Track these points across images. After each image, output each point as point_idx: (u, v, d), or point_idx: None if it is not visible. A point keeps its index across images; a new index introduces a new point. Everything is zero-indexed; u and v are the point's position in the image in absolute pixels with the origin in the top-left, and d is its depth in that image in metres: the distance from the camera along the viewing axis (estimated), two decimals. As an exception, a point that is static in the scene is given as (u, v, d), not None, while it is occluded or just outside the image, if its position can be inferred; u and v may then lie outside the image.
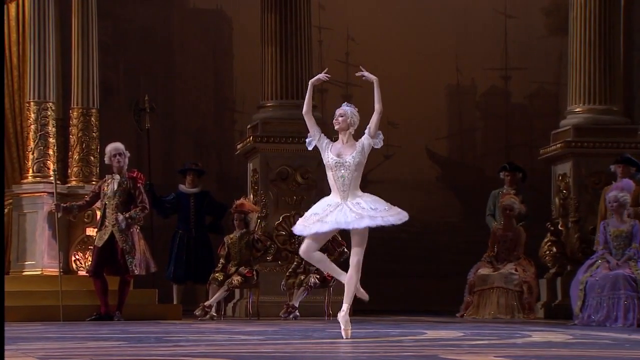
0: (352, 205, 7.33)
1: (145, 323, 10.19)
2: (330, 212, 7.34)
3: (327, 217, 7.33)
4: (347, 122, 7.60)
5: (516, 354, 6.10)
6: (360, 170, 7.53)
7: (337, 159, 7.48)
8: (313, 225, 7.35)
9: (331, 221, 7.31)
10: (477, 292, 12.48)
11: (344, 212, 7.31)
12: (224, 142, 16.52)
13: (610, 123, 12.75)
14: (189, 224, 12.71)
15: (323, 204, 7.44)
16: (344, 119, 7.60)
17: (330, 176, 7.49)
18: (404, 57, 16.45)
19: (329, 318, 11.55)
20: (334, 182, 7.46)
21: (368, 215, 7.28)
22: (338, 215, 7.31)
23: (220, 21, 16.78)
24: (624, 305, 10.05)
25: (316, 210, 7.43)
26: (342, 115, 7.62)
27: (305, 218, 7.46)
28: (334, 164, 7.46)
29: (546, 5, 16.71)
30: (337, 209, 7.35)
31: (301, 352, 6.19)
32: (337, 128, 7.63)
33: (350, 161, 7.46)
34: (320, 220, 7.34)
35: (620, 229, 10.40)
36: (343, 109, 7.68)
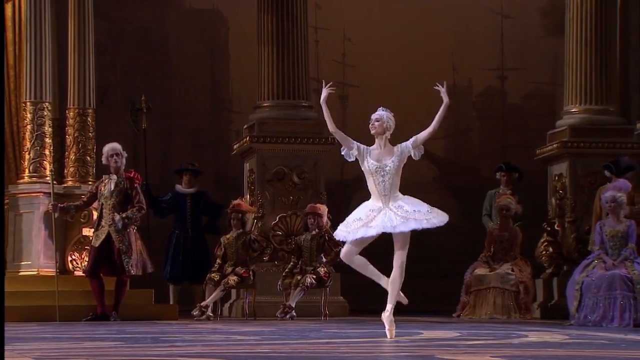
0: (395, 209, 7.39)
1: (141, 323, 10.18)
2: (375, 216, 7.38)
3: (373, 222, 7.38)
4: (383, 126, 7.63)
5: (512, 354, 6.10)
6: (399, 174, 7.56)
7: (377, 164, 7.51)
8: (359, 230, 7.38)
9: (377, 225, 7.36)
10: (474, 292, 12.48)
11: (389, 216, 7.36)
12: (220, 142, 16.51)
13: (606, 123, 12.76)
14: (186, 224, 12.71)
15: (365, 209, 7.47)
16: (380, 124, 7.63)
17: (371, 181, 7.51)
18: (400, 58, 16.46)
19: (325, 318, 11.55)
20: (375, 187, 7.49)
21: (413, 218, 7.35)
22: (384, 219, 7.36)
23: (216, 21, 16.78)
24: (620, 306, 10.06)
25: (359, 215, 7.46)
26: (378, 120, 7.64)
27: (347, 223, 7.48)
28: (375, 170, 7.50)
29: (543, 6, 16.71)
30: (380, 213, 7.40)
31: (298, 353, 6.19)
32: (373, 133, 7.64)
33: (390, 165, 7.51)
34: (365, 225, 7.39)
35: (616, 229, 10.41)
36: (379, 113, 7.70)
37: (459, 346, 6.74)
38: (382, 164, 7.51)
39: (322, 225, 11.83)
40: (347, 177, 16.82)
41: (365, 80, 16.59)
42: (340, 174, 16.79)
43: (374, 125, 7.63)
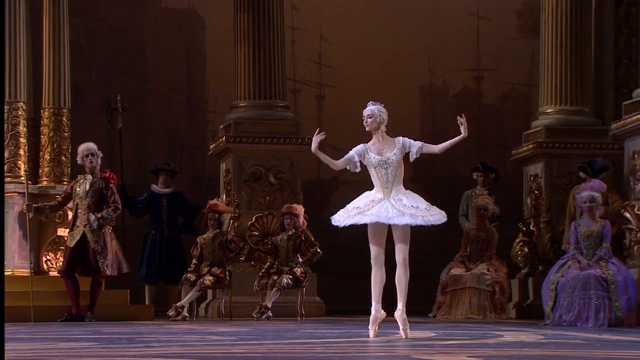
0: (394, 202, 7.40)
1: (117, 324, 10.14)
2: (373, 206, 7.38)
3: (369, 211, 7.37)
4: (376, 121, 7.62)
5: (488, 354, 6.12)
6: (402, 167, 7.56)
7: (380, 157, 7.52)
8: (354, 217, 7.39)
9: (372, 214, 7.36)
10: (450, 292, 12.52)
11: (386, 207, 7.38)
12: (196, 142, 16.48)
13: (581, 124, 12.83)
14: (162, 225, 12.68)
15: (366, 199, 7.49)
16: (372, 120, 7.62)
17: (374, 174, 7.53)
18: (376, 58, 16.48)
19: (301, 318, 11.55)
20: (378, 179, 7.51)
21: (409, 213, 7.36)
22: (380, 209, 7.37)
23: (192, 21, 16.74)
24: (594, 306, 10.11)
25: (358, 204, 7.49)
26: (370, 116, 7.63)
27: (347, 210, 7.50)
28: (378, 163, 7.51)
29: (518, 7, 16.78)
30: (379, 204, 7.41)
31: (274, 353, 6.19)
32: (368, 129, 7.62)
33: (393, 158, 7.52)
34: (361, 213, 7.39)
35: (591, 229, 10.46)
36: (369, 108, 7.67)
37: (434, 346, 6.75)
38: (384, 157, 7.52)
39: (299, 225, 11.83)
40: (323, 177, 16.83)
41: (341, 80, 16.60)
42: (317, 174, 16.80)
43: (367, 122, 7.63)
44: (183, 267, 12.15)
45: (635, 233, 10.67)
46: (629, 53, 13.13)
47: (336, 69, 16.68)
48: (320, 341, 7.23)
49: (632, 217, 10.70)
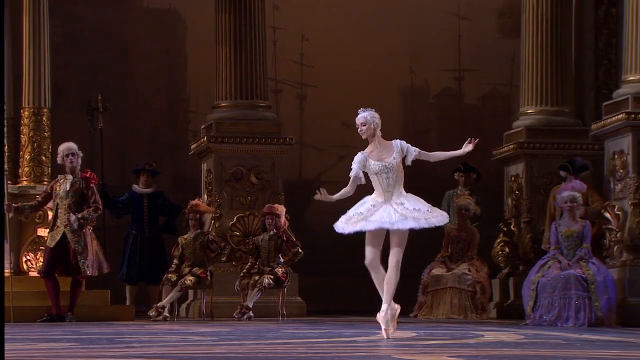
0: (396, 206, 7.40)
1: (97, 324, 10.11)
2: (375, 211, 7.38)
3: (372, 217, 7.37)
4: (371, 128, 7.61)
5: (469, 353, 6.13)
6: (402, 170, 7.57)
7: (380, 163, 7.51)
8: (357, 223, 7.38)
9: (376, 220, 7.36)
10: (431, 292, 12.54)
11: (389, 212, 7.37)
12: (177, 142, 16.45)
13: (561, 124, 12.87)
14: (143, 225, 12.65)
15: (367, 205, 7.48)
16: (367, 127, 7.61)
17: (376, 180, 7.52)
18: (358, 58, 16.50)
19: (283, 318, 11.54)
20: (379, 184, 7.50)
21: (412, 216, 7.36)
22: (383, 215, 7.37)
23: (173, 21, 16.71)
24: (575, 305, 10.14)
25: (360, 209, 7.47)
26: (363, 124, 7.62)
27: (348, 217, 7.47)
28: (379, 169, 7.49)
29: (499, 7, 16.83)
30: (381, 209, 7.40)
31: (255, 353, 6.18)
32: (364, 137, 7.61)
33: (393, 162, 7.52)
34: (364, 219, 7.38)
35: (571, 229, 10.50)
36: (362, 116, 7.65)
37: (415, 346, 6.76)
38: (384, 162, 7.51)
39: (280, 225, 11.82)
40: (305, 178, 16.84)
41: (323, 81, 16.61)
42: (298, 174, 16.80)
43: (362, 130, 7.61)
44: (164, 268, 12.12)
45: (615, 233, 10.71)
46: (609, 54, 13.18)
47: (318, 69, 16.69)
48: (301, 341, 7.23)
49: (612, 217, 10.74)
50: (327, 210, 17.95)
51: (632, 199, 10.58)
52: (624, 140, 10.75)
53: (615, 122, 10.75)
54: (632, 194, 10.58)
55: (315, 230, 16.38)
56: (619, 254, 10.68)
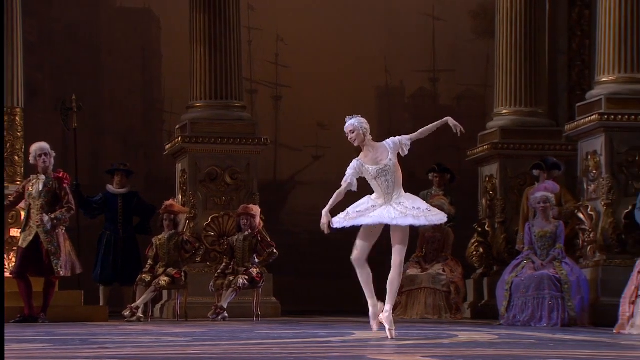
0: (396, 205, 7.43)
1: (70, 325, 10.06)
2: (375, 209, 7.42)
3: (372, 213, 7.41)
4: (360, 134, 7.59)
5: (443, 353, 6.15)
6: (399, 169, 7.59)
7: (377, 167, 7.51)
8: (357, 218, 7.40)
9: (375, 216, 7.38)
10: (405, 292, 12.56)
11: (388, 209, 7.40)
12: (152, 142, 16.40)
13: (535, 125, 12.93)
14: (117, 225, 12.60)
15: (367, 204, 7.49)
16: (356, 134, 7.59)
17: (375, 184, 7.53)
18: (333, 59, 16.50)
19: (257, 319, 11.53)
20: (379, 187, 7.53)
21: (411, 214, 7.39)
22: (382, 212, 7.40)
23: (148, 20, 16.66)
24: (548, 305, 10.19)
25: (359, 207, 7.49)
26: (352, 131, 7.60)
27: (347, 213, 7.48)
28: (377, 173, 7.51)
29: (473, 9, 16.88)
30: (381, 207, 7.43)
31: (229, 354, 6.17)
32: (356, 144, 7.60)
33: (390, 164, 7.54)
34: (363, 215, 7.41)
35: (545, 229, 10.55)
36: (349, 123, 7.63)
37: (390, 346, 6.77)
38: (381, 165, 7.52)
39: (255, 226, 11.81)
40: (280, 178, 16.83)
41: (298, 81, 16.61)
42: (274, 174, 16.79)
43: (352, 138, 7.60)
44: (138, 268, 12.08)
45: (588, 233, 10.77)
46: (582, 55, 13.26)
47: (293, 70, 16.68)
48: (276, 342, 7.22)
49: (585, 217, 10.80)
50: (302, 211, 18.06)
51: (605, 200, 10.64)
52: (597, 141, 10.82)
53: (589, 123, 10.81)
54: (605, 195, 10.65)
55: (290, 230, 16.38)
56: (592, 254, 10.74)
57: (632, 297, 8.83)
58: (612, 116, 10.61)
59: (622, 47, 10.60)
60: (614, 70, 10.69)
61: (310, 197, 16.80)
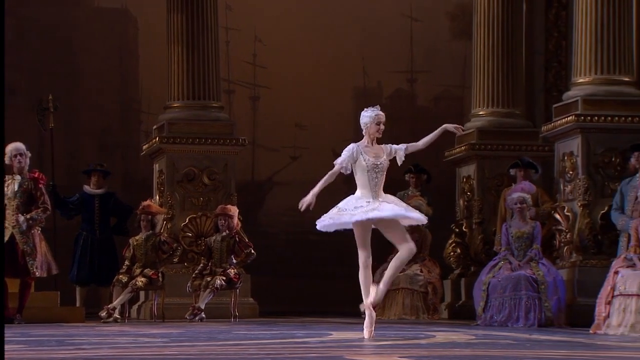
0: (379, 203, 7.45)
1: (46, 326, 10.01)
2: (361, 206, 7.39)
3: (357, 210, 7.36)
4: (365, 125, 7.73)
5: (420, 354, 6.16)
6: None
7: (373, 161, 7.55)
8: (342, 217, 7.37)
9: (360, 213, 7.36)
10: (383, 293, 12.56)
11: (375, 206, 7.42)
12: (129, 142, 16.35)
13: (512, 126, 12.97)
14: (94, 226, 12.56)
15: (352, 203, 7.48)
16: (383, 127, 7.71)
17: (365, 177, 7.55)
18: (311, 59, 16.50)
19: (235, 320, 11.51)
20: (368, 182, 7.54)
21: (401, 207, 7.48)
22: (367, 208, 7.39)
23: (125, 20, 16.60)
24: (525, 306, 10.22)
25: (345, 206, 7.49)
26: (384, 123, 7.72)
27: (331, 213, 7.49)
28: (371, 166, 7.55)
29: (451, 10, 16.92)
30: (369, 205, 7.43)
31: (206, 355, 6.15)
32: (379, 136, 7.67)
33: (384, 164, 7.60)
34: (349, 214, 7.38)
35: (522, 230, 10.58)
36: (382, 114, 7.76)
37: (367, 347, 6.77)
38: (378, 161, 7.57)
39: (233, 226, 11.79)
40: (258, 179, 16.81)
41: (276, 81, 16.60)
42: (251, 175, 16.77)
43: (381, 130, 7.69)
44: (115, 269, 12.04)
45: (565, 234, 10.82)
46: (559, 56, 13.32)
47: (270, 70, 16.67)
48: (253, 342, 7.21)
49: (562, 218, 10.84)
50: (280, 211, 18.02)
51: (582, 200, 10.69)
52: (573, 142, 10.87)
53: (565, 124, 10.86)
54: (582, 195, 10.69)
55: (268, 231, 16.36)
56: (569, 254, 10.78)
57: (608, 298, 8.88)
58: (589, 117, 10.66)
59: (599, 48, 10.65)
60: (591, 72, 10.74)
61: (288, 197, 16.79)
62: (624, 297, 8.74)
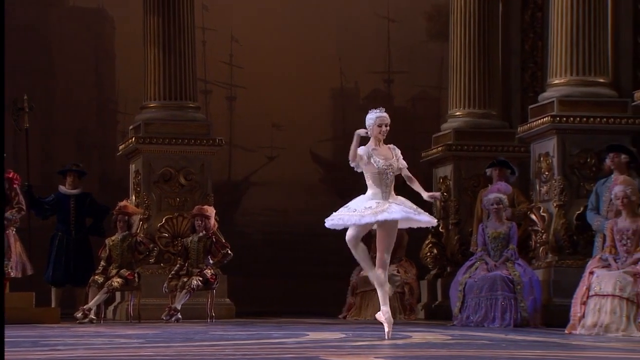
0: (390, 204, 7.46)
1: (21, 327, 9.94)
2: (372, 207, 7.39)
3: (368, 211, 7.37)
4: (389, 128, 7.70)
5: (397, 354, 6.17)
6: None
7: (384, 162, 7.57)
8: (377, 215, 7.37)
9: (371, 214, 7.38)
10: (360, 293, 12.59)
11: (392, 207, 7.42)
12: (105, 142, 16.29)
13: (488, 127, 13.02)
14: (69, 226, 12.50)
15: (363, 203, 7.46)
16: (388, 127, 7.69)
17: (377, 179, 7.55)
18: (288, 60, 16.50)
19: (211, 320, 11.49)
20: (380, 183, 7.55)
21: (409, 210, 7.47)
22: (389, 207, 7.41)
23: (101, 20, 16.54)
24: (501, 306, 10.26)
25: (355, 206, 7.47)
26: (387, 125, 7.69)
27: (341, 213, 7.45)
28: (382, 169, 7.55)
29: (428, 10, 16.96)
30: (379, 205, 7.42)
31: (182, 355, 6.14)
32: (382, 138, 7.65)
33: (394, 165, 7.62)
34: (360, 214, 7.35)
35: (498, 230, 10.62)
36: (386, 116, 7.74)
37: (344, 347, 6.78)
38: (389, 162, 7.59)
39: (209, 227, 11.77)
40: (234, 179, 16.79)
41: (252, 82, 16.58)
42: (228, 175, 16.74)
43: (385, 131, 7.66)
44: (90, 269, 12.00)
45: (540, 235, 10.86)
46: (535, 57, 13.37)
47: (247, 70, 16.65)
48: (229, 343, 7.20)
49: (538, 218, 10.89)
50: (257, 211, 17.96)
51: (557, 201, 10.74)
52: (549, 142, 10.91)
53: (541, 125, 10.90)
54: (557, 196, 10.74)
55: (245, 231, 16.34)
56: (545, 255, 10.83)
57: (583, 298, 8.92)
58: (564, 118, 10.71)
59: (574, 49, 10.70)
60: (566, 73, 10.79)
61: (265, 197, 16.79)
62: (599, 298, 8.79)
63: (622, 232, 8.94)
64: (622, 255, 8.92)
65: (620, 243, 8.94)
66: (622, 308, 8.67)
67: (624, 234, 8.92)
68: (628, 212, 8.95)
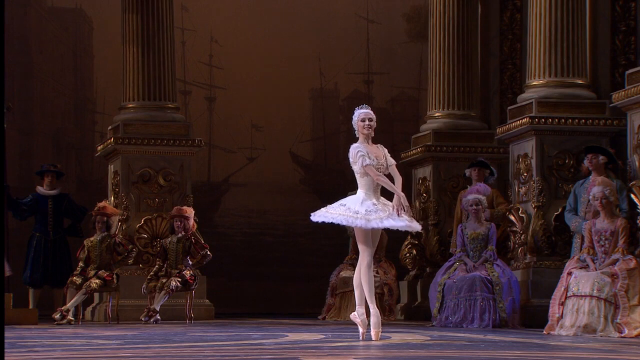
0: (382, 206, 7.42)
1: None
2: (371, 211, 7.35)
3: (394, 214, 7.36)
4: (374, 124, 7.61)
5: (375, 355, 6.17)
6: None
7: (377, 161, 7.52)
8: (383, 221, 7.32)
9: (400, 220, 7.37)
10: (339, 294, 12.59)
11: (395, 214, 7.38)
12: (83, 143, 16.23)
13: (468, 128, 13.05)
14: (47, 227, 12.45)
15: (362, 204, 7.40)
16: (373, 123, 7.61)
17: (370, 178, 7.47)
18: (267, 60, 16.49)
19: (190, 321, 11.47)
20: (372, 183, 7.49)
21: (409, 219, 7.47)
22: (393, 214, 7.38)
23: (79, 20, 16.48)
24: (480, 307, 10.28)
25: (352, 206, 7.40)
26: (371, 119, 7.59)
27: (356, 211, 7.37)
28: (375, 167, 7.49)
29: (407, 11, 16.99)
30: (378, 210, 7.38)
31: (161, 357, 6.12)
32: (367, 133, 7.55)
33: (385, 164, 7.56)
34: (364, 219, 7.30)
35: (477, 231, 10.65)
36: (369, 111, 7.62)
37: (323, 348, 6.78)
38: (381, 162, 7.54)
39: (189, 227, 11.74)
40: (214, 180, 16.76)
41: (232, 82, 16.57)
42: (207, 176, 16.71)
43: (370, 125, 7.56)
44: (68, 270, 11.95)
45: (519, 235, 10.89)
46: (514, 58, 13.41)
47: (227, 71, 16.63)
48: (209, 344, 7.19)
49: (517, 219, 10.92)
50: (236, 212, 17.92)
51: (536, 202, 10.77)
52: (528, 143, 10.95)
53: (520, 126, 10.93)
54: (536, 197, 10.78)
55: (224, 232, 16.32)
56: (523, 256, 10.86)
57: (561, 299, 8.95)
58: (543, 119, 10.75)
59: (552, 51, 10.74)
60: (545, 74, 10.83)
61: (245, 198, 16.77)
62: (577, 298, 8.82)
63: (600, 233, 8.98)
64: (600, 256, 8.96)
65: (598, 244, 8.98)
66: (600, 309, 8.71)
67: (602, 234, 8.97)
68: (606, 213, 8.99)
